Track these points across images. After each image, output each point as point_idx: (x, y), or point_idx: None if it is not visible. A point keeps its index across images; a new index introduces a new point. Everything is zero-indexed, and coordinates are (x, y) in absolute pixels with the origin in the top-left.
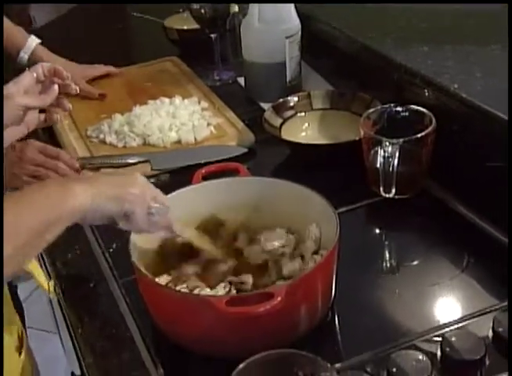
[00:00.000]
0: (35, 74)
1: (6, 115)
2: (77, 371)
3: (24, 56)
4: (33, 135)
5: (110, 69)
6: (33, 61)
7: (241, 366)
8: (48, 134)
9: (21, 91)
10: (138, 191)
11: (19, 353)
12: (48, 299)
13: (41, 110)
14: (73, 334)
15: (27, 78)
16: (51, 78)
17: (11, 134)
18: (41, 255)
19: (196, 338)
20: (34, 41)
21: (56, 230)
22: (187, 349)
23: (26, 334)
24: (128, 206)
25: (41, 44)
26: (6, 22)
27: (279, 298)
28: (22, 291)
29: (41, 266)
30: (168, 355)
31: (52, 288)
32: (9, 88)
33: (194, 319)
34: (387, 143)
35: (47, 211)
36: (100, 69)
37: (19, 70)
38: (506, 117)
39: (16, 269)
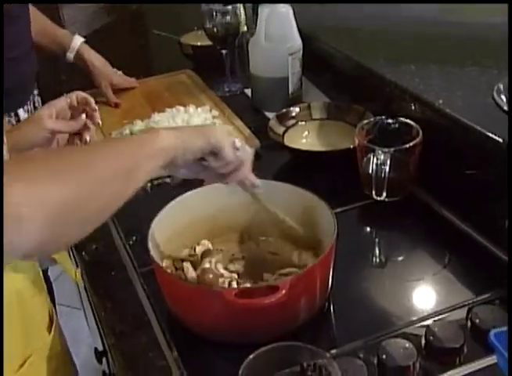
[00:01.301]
0: (69, 100)
1: (35, 135)
2: (100, 347)
3: (70, 55)
4: None
5: (134, 83)
6: (77, 58)
7: (251, 356)
8: None
9: (53, 114)
10: (219, 132)
11: (49, 331)
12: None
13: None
14: (97, 318)
15: (61, 103)
16: (82, 106)
17: None
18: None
19: (208, 325)
20: (78, 40)
21: (150, 169)
22: (199, 334)
23: (56, 313)
24: (214, 140)
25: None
26: (53, 26)
27: (283, 291)
28: (52, 271)
29: (69, 255)
30: (182, 339)
31: (78, 275)
32: (42, 112)
33: (206, 308)
34: (380, 152)
35: (135, 153)
36: (126, 82)
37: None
38: (483, 130)
39: (115, 205)
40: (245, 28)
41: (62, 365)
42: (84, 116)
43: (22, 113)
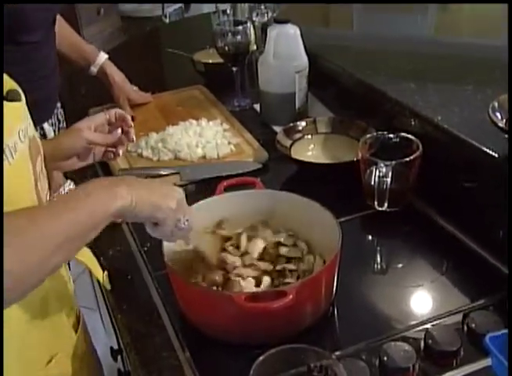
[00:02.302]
0: (108, 116)
1: (73, 145)
2: (115, 346)
3: (94, 69)
4: None
5: (149, 98)
6: (100, 72)
7: (261, 358)
8: None
9: (92, 127)
10: (174, 205)
11: (76, 331)
12: (91, 283)
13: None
14: (113, 318)
15: (100, 118)
16: (119, 122)
17: (77, 163)
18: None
19: (218, 327)
20: (102, 57)
21: (98, 230)
22: (210, 336)
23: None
24: (160, 216)
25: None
26: (81, 41)
27: (290, 296)
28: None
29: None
30: (194, 340)
31: (106, 279)
32: (82, 123)
33: (217, 311)
34: (382, 164)
35: (92, 215)
36: (142, 98)
37: None
38: (479, 145)
39: (50, 272)
40: (254, 47)
41: (87, 364)
42: (119, 131)
43: (47, 126)
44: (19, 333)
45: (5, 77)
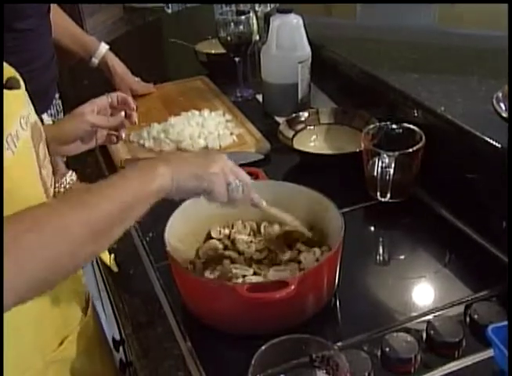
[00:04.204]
0: (110, 100)
1: (77, 128)
2: (117, 337)
3: (95, 60)
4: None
5: (151, 89)
6: (101, 64)
7: (263, 348)
8: None
9: (94, 111)
10: (217, 170)
11: (85, 313)
12: (93, 272)
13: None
14: (115, 309)
15: (102, 102)
16: (121, 106)
17: (81, 147)
18: None
19: (220, 318)
20: (104, 47)
21: (142, 209)
22: (212, 326)
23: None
24: (207, 185)
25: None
26: (82, 32)
27: (292, 287)
28: None
29: None
30: (196, 330)
31: (112, 261)
32: (85, 108)
33: (219, 302)
34: (385, 155)
35: (133, 194)
36: (144, 88)
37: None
38: (482, 136)
39: (92, 255)
40: (257, 37)
41: (97, 345)
42: (123, 114)
43: (46, 117)
44: (34, 318)
45: (4, 64)
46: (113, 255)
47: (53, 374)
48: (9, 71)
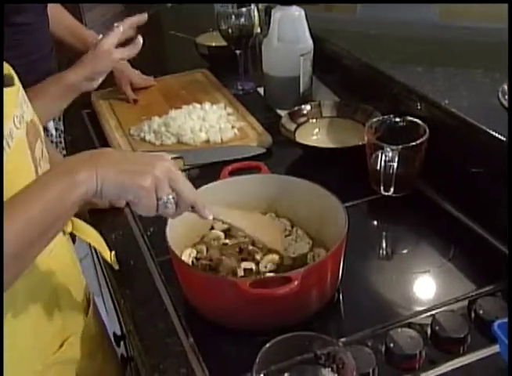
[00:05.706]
0: (121, 29)
1: (108, 66)
2: (118, 332)
3: None
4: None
5: (151, 82)
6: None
7: (267, 345)
8: (97, 132)
9: (115, 45)
10: (148, 182)
11: (86, 314)
12: (94, 268)
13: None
14: (116, 305)
15: (117, 35)
16: (130, 31)
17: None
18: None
19: (223, 313)
20: None
21: (63, 221)
22: (214, 322)
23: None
24: (132, 197)
25: None
26: (80, 26)
27: (295, 282)
28: None
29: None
30: (198, 326)
31: (113, 258)
32: (106, 44)
33: (221, 297)
34: (388, 149)
35: (53, 208)
36: (145, 81)
37: None
38: (487, 129)
39: (20, 270)
40: (258, 30)
41: (98, 346)
42: (141, 39)
43: None
44: (33, 322)
45: None
46: (113, 252)
47: (54, 375)
48: (4, 68)
